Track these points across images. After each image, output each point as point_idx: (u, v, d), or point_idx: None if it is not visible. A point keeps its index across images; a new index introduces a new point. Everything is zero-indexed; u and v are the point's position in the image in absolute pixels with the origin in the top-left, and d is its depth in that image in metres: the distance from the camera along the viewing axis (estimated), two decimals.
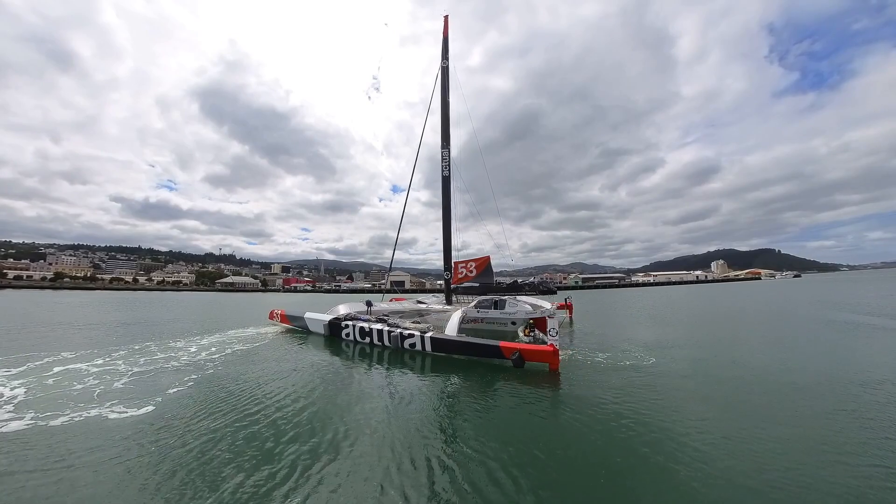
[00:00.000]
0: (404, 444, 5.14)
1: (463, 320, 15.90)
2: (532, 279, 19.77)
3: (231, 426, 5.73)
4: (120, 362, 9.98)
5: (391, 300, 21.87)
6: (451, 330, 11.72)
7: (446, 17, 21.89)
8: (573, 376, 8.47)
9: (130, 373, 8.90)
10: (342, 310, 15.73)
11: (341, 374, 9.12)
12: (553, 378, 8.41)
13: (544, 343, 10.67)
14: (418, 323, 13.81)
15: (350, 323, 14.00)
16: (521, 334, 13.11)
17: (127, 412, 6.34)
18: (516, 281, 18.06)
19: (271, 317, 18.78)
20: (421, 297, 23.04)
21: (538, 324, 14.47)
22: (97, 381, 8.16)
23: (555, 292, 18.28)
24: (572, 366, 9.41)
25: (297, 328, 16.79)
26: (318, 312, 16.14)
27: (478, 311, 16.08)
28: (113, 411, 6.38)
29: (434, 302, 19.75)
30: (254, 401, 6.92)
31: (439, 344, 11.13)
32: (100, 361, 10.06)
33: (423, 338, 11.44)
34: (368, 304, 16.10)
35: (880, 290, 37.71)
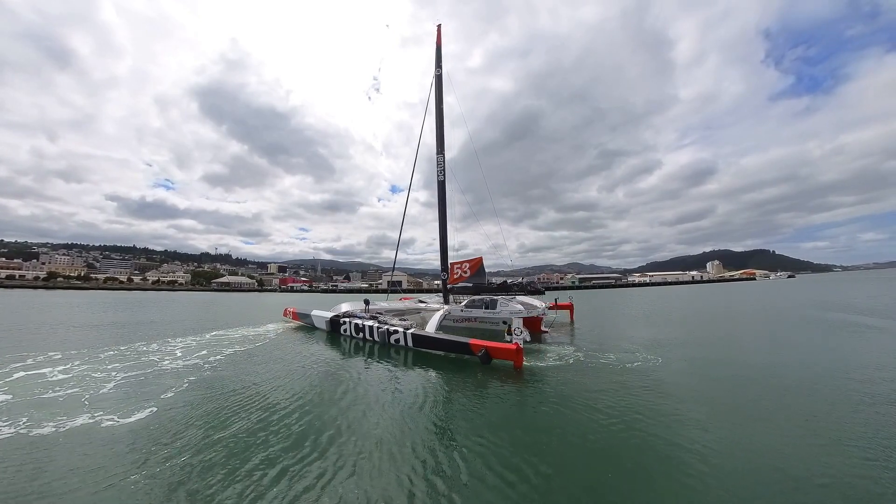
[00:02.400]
0: (401, 445, 5.05)
1: (455, 319, 16.76)
2: (520, 279, 20.05)
3: (231, 430, 5.59)
4: (111, 365, 9.75)
5: (400, 299, 23.06)
6: (430, 327, 12.51)
7: (439, 27, 22.09)
8: (573, 376, 8.37)
9: (123, 376, 8.66)
10: (344, 308, 17.06)
11: (335, 373, 9.00)
12: (544, 377, 8.38)
13: (527, 341, 11.75)
14: (405, 320, 14.58)
15: (347, 320, 15.07)
16: (505, 334, 13.46)
17: (121, 419, 6.03)
18: (506, 281, 18.56)
19: (285, 314, 20.58)
20: (423, 296, 24.12)
21: (528, 323, 14.66)
22: (87, 386, 7.86)
23: (542, 292, 18.47)
24: (576, 366, 9.35)
25: (306, 324, 18.34)
26: (323, 310, 17.43)
27: (466, 311, 16.71)
28: (106, 418, 6.08)
29: (435, 302, 20.30)
30: (252, 403, 6.80)
31: (419, 340, 11.91)
32: (89, 364, 9.83)
33: (405, 334, 12.22)
34: (366, 302, 17.18)
35: (872, 290, 38.09)
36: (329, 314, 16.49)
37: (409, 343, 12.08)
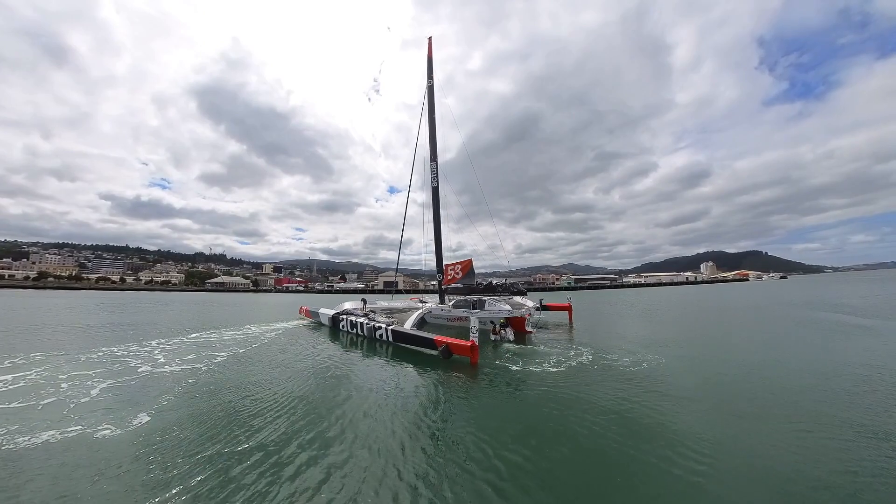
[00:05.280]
0: (399, 448, 4.99)
1: (449, 318, 17.91)
2: (504, 280, 20.76)
3: (235, 436, 5.45)
4: (100, 369, 9.49)
5: (410, 299, 25.07)
6: (408, 324, 14.03)
7: (430, 39, 22.51)
8: (573, 377, 8.29)
9: (112, 381, 8.37)
10: (346, 306, 19.22)
11: (331, 375, 8.90)
12: (543, 379, 8.33)
13: (510, 340, 13.38)
14: (391, 318, 16.03)
15: (345, 317, 16.81)
16: (491, 333, 14.60)
17: (114, 429, 5.68)
18: (491, 282, 19.46)
19: (300, 311, 22.76)
20: (425, 297, 26.11)
21: (515, 323, 15.44)
22: (74, 392, 7.49)
23: (525, 293, 19.29)
24: (575, 367, 9.29)
25: (315, 320, 20.34)
26: (328, 308, 19.50)
27: (450, 311, 17.86)
28: (97, 428, 5.72)
29: (433, 302, 21.18)
30: (253, 406, 6.68)
31: (396, 335, 13.06)
32: (76, 367, 9.55)
33: (386, 330, 13.50)
34: (363, 301, 19.38)
35: (863, 291, 38.62)
36: (331, 312, 18.38)
37: (389, 338, 13.32)
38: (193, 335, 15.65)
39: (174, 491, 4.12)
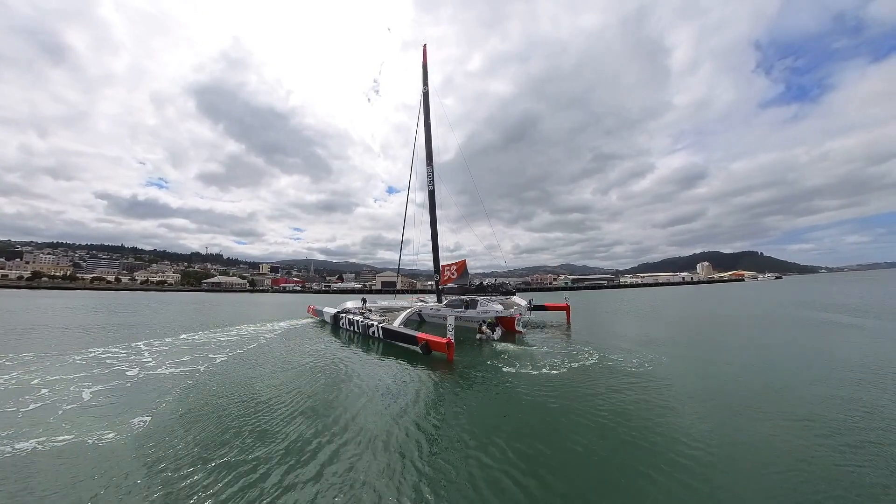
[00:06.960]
0: (397, 451, 4.97)
1: (444, 318, 18.05)
2: (494, 281, 21.39)
3: (239, 439, 5.41)
4: (94, 370, 9.37)
5: (412, 299, 26.09)
6: (396, 323, 14.97)
7: (424, 47, 22.85)
8: (570, 378, 8.31)
9: (109, 383, 8.25)
10: (347, 305, 20.50)
11: (329, 372, 8.90)
12: (541, 380, 8.35)
13: (495, 339, 14.11)
14: (384, 317, 16.85)
15: (344, 315, 18.00)
16: (477, 332, 15.27)
17: (113, 433, 5.47)
18: (482, 282, 20.21)
19: (308, 310, 24.14)
20: (425, 296, 27.06)
21: (505, 323, 15.93)
22: (65, 395, 7.28)
23: (514, 293, 19.91)
24: (574, 368, 9.29)
25: (320, 319, 21.54)
26: (331, 307, 20.78)
27: (437, 309, 18.87)
28: (94, 432, 5.51)
29: (432, 302, 21.78)
30: (254, 407, 6.65)
31: (385, 332, 14.03)
32: (67, 370, 9.38)
33: (377, 327, 14.54)
34: (363, 300, 20.47)
35: (858, 291, 38.98)
36: (333, 310, 19.65)
37: (380, 335, 14.26)
38: (191, 336, 15.54)
39: (185, 496, 4.06)
